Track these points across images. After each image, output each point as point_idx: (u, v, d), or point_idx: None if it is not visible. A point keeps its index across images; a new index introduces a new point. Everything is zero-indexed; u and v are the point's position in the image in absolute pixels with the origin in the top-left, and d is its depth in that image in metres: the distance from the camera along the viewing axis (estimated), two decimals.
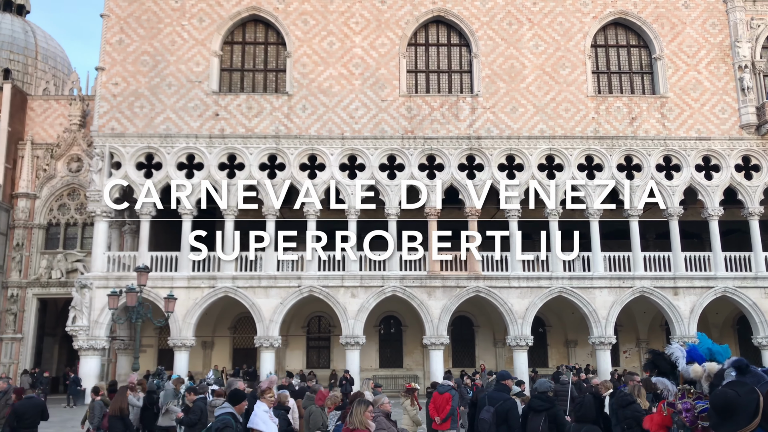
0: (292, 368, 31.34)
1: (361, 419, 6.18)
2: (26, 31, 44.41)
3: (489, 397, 8.83)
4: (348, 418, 6.36)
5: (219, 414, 7.19)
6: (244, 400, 7.67)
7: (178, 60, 28.22)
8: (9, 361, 32.01)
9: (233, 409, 7.26)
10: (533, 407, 8.25)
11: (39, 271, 32.91)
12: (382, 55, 28.63)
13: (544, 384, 8.72)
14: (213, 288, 26.57)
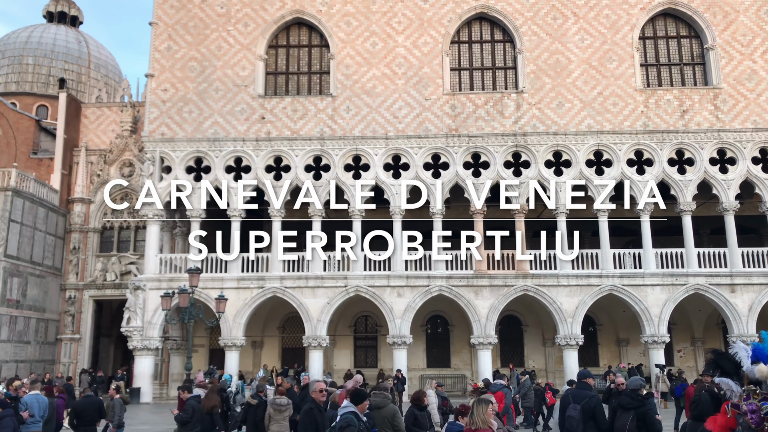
0: (339, 367, 31.58)
1: (484, 418, 6.14)
2: (79, 41, 45.89)
3: (573, 395, 8.89)
4: (469, 418, 6.30)
5: (342, 413, 7.21)
6: (366, 400, 7.69)
7: (224, 65, 28.73)
8: (68, 361, 33.13)
9: (356, 408, 7.26)
10: (622, 405, 8.18)
11: (94, 274, 33.96)
12: (425, 54, 28.56)
13: (635, 381, 8.65)
14: (261, 288, 26.96)
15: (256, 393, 12.07)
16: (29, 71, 43.49)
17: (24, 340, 31.03)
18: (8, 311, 29.76)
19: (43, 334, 32.58)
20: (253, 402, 11.74)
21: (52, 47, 44.34)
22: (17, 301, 30.48)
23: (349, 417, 7.08)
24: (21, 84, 43.17)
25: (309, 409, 8.44)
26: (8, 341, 29.75)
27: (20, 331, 30.72)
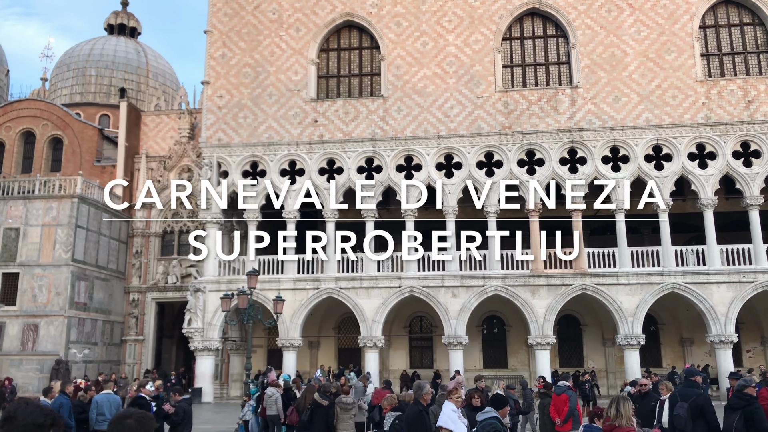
0: (395, 368, 31.61)
1: (629, 416, 6.12)
2: (138, 51, 47.40)
3: (680, 393, 8.82)
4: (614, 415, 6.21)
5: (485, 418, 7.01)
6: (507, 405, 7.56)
7: (277, 70, 29.18)
8: (133, 362, 34.25)
9: (497, 413, 7.11)
10: (731, 404, 8.07)
11: (156, 277, 35.02)
12: (476, 52, 28.34)
13: (744, 381, 8.47)
14: (317, 289, 27.24)
15: (323, 393, 12.05)
16: (92, 82, 45.17)
17: (91, 342, 32.25)
18: (76, 314, 30.97)
19: (109, 335, 33.80)
20: (324, 402, 11.71)
21: (113, 58, 45.93)
22: (84, 303, 31.71)
23: (492, 422, 6.87)
24: (84, 95, 44.87)
25: (419, 411, 8.17)
26: (77, 342, 30.97)
27: (88, 333, 31.95)
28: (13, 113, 37.47)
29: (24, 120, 37.15)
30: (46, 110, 37.52)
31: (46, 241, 30.85)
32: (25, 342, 30.09)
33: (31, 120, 37.12)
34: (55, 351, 29.79)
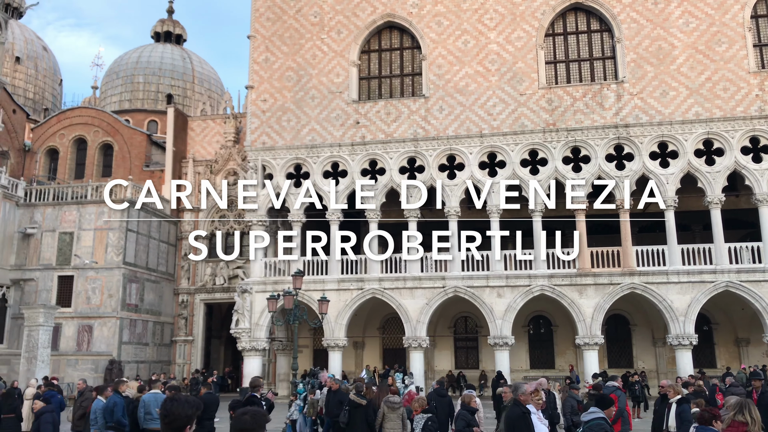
0: (440, 368, 31.51)
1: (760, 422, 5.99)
2: (184, 58, 48.46)
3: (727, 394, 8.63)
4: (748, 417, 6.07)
5: (591, 419, 6.92)
6: (613, 405, 7.50)
7: (319, 73, 29.43)
8: (183, 362, 35.01)
9: (603, 413, 7.01)
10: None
11: (204, 278, 35.73)
12: (519, 49, 28.04)
13: None
14: (361, 290, 27.35)
15: (359, 393, 12.02)
16: (140, 89, 46.39)
17: (143, 342, 33.10)
18: (128, 315, 31.83)
19: (160, 336, 34.63)
20: (362, 402, 11.67)
21: (160, 65, 47.08)
22: (136, 305, 32.57)
23: (600, 422, 6.75)
24: (133, 101, 46.12)
25: (522, 413, 7.90)
26: (129, 343, 31.82)
27: (139, 334, 32.80)
28: (66, 121, 38.76)
29: (76, 127, 38.40)
30: (97, 117, 38.70)
31: (99, 245, 31.81)
32: (80, 342, 31.08)
33: (83, 127, 38.33)
34: (108, 351, 30.68)
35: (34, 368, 25.18)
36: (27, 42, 47.92)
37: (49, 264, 31.95)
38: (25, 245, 32.34)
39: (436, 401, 12.03)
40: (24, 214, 32.56)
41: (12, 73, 44.82)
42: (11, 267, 31.93)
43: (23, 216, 32.53)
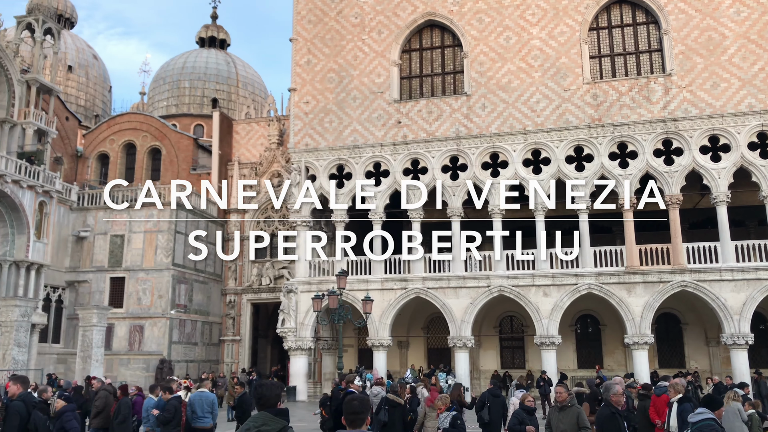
0: (486, 368, 31.27)
1: None
2: (228, 62, 49.29)
3: None
4: None
5: (698, 419, 6.76)
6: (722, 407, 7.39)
7: (360, 73, 29.55)
8: (231, 361, 35.63)
9: (713, 414, 6.86)
10: None
11: (251, 279, 36.31)
12: (562, 44, 27.61)
13: None
14: (405, 290, 27.35)
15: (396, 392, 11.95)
16: (186, 94, 47.38)
17: (192, 342, 33.81)
18: (178, 315, 32.57)
19: (208, 335, 35.32)
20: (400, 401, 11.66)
21: (205, 70, 47.99)
22: (185, 306, 33.30)
23: (710, 423, 6.59)
24: (179, 106, 47.12)
25: (611, 414, 7.74)
26: (179, 343, 32.55)
27: (188, 333, 33.53)
28: (115, 126, 39.87)
29: (126, 133, 39.46)
30: (145, 122, 39.69)
31: (148, 247, 32.64)
32: (132, 342, 31.95)
33: (132, 132, 39.36)
34: (158, 351, 31.44)
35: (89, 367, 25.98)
36: (78, 51, 49.48)
37: (102, 266, 32.94)
38: (79, 248, 33.41)
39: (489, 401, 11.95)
40: (77, 218, 33.64)
41: (65, 81, 46.34)
42: (66, 269, 33.04)
43: (77, 220, 33.62)
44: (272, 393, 4.61)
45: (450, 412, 9.83)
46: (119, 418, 11.37)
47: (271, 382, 4.66)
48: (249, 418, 4.56)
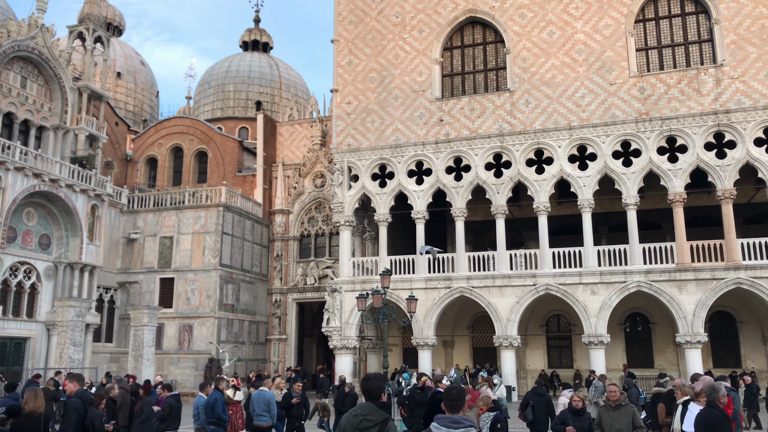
0: (533, 368, 30.90)
1: None
2: (271, 65, 49.91)
3: None
4: None
5: None
6: None
7: (402, 72, 29.52)
8: (277, 360, 36.08)
9: None
10: None
11: (296, 278, 36.70)
12: (607, 37, 27.05)
13: None
14: (449, 288, 27.21)
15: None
16: (230, 97, 48.15)
17: (240, 341, 34.35)
18: (225, 315, 33.12)
19: (255, 334, 35.83)
20: None
21: (248, 73, 48.69)
22: (232, 305, 33.84)
23: None
24: (224, 109, 47.93)
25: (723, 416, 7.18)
26: (227, 342, 33.08)
27: (236, 333, 34.07)
28: (163, 131, 40.79)
29: (173, 137, 40.33)
30: (192, 126, 40.48)
31: (197, 248, 33.29)
32: (181, 341, 32.63)
33: (179, 136, 40.20)
34: (207, 350, 32.03)
35: (140, 366, 26.65)
36: (127, 58, 50.80)
37: (152, 267, 33.75)
38: (130, 250, 34.30)
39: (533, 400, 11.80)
40: (128, 221, 34.55)
41: (114, 87, 47.65)
42: (117, 270, 33.96)
43: (127, 222, 34.53)
44: (376, 385, 5.08)
45: (491, 413, 9.66)
46: (141, 417, 11.34)
47: (376, 375, 5.24)
48: (356, 406, 5.02)
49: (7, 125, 29.43)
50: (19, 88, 29.87)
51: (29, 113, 30.27)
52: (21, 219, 28.46)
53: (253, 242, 36.16)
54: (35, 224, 29.23)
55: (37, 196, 28.62)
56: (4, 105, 28.92)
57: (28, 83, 30.32)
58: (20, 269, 28.22)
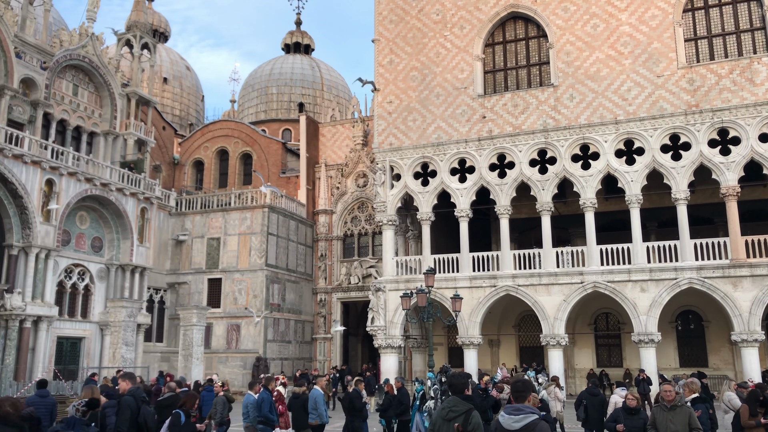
0: (581, 367, 30.39)
1: None
2: (312, 67, 50.33)
3: None
4: None
5: None
6: None
7: (443, 70, 29.37)
8: (323, 359, 36.37)
9: None
10: None
11: (340, 278, 36.92)
12: (653, 28, 26.37)
13: None
14: (494, 287, 26.95)
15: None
16: (273, 100, 48.77)
17: (286, 340, 34.75)
18: (272, 314, 33.55)
19: (301, 334, 36.20)
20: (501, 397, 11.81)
21: (291, 75, 49.22)
22: (278, 305, 34.26)
23: None
24: (268, 112, 48.56)
25: None
26: (273, 341, 33.53)
27: (282, 332, 34.48)
28: (209, 134, 41.56)
29: (218, 140, 41.06)
30: (236, 129, 41.14)
31: (243, 249, 33.82)
32: (229, 341, 33.20)
33: (224, 139, 40.91)
34: (254, 349, 32.50)
35: (190, 365, 27.21)
36: (172, 63, 51.93)
37: (200, 268, 34.42)
38: (178, 251, 35.06)
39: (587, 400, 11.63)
40: (176, 223, 35.32)
41: (161, 93, 48.76)
42: (167, 271, 34.75)
43: (175, 224, 35.30)
44: (460, 381, 6.03)
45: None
46: None
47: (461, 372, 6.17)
48: (444, 401, 5.80)
49: (60, 132, 30.41)
50: (72, 96, 30.84)
51: (81, 120, 31.22)
52: (74, 222, 29.39)
53: (297, 242, 36.53)
54: (88, 227, 30.14)
55: (89, 200, 29.51)
56: (57, 112, 29.90)
57: (79, 91, 31.29)
58: (74, 271, 29.15)
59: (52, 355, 27.57)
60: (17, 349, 25.70)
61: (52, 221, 27.15)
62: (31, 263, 26.35)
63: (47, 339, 26.99)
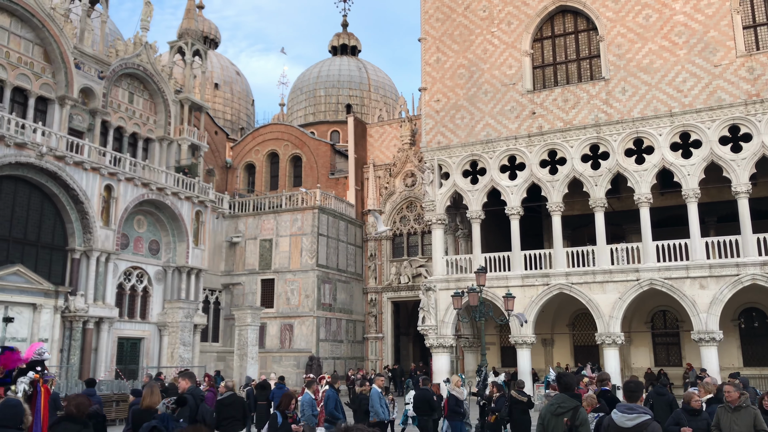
0: (638, 366, 29.66)
1: None
2: (359, 68, 50.61)
3: None
4: None
5: None
6: None
7: (491, 67, 29.10)
8: (375, 358, 36.53)
9: None
10: None
11: (390, 278, 37.02)
12: (709, 17, 25.51)
13: None
14: (547, 285, 26.55)
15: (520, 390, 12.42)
16: (321, 102, 49.25)
17: (338, 339, 35.05)
18: (323, 314, 33.90)
19: (352, 333, 36.45)
20: (522, 399, 11.98)
21: (338, 77, 49.61)
22: (329, 304, 34.59)
23: None
24: (316, 114, 49.07)
25: None
26: (325, 340, 33.86)
27: (334, 331, 34.79)
28: (259, 138, 42.27)
29: (269, 143, 41.72)
30: (286, 132, 41.72)
31: (294, 249, 34.28)
32: (282, 340, 33.70)
33: (274, 142, 41.54)
34: (307, 348, 32.90)
35: (245, 364, 27.73)
36: (223, 69, 53.01)
37: (253, 269, 35.05)
38: (232, 253, 35.77)
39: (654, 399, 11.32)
40: (229, 225, 36.06)
41: (212, 98, 49.84)
42: (221, 273, 35.50)
43: (229, 226, 36.04)
44: (571, 381, 6.51)
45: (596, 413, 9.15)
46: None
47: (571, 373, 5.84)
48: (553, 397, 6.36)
49: (117, 138, 31.42)
50: (127, 104, 31.82)
51: (137, 126, 32.19)
52: (132, 226, 30.33)
53: (347, 242, 36.79)
54: (145, 231, 31.06)
55: (146, 205, 30.41)
56: (114, 120, 30.90)
57: (135, 98, 32.27)
58: (133, 273, 30.08)
59: (114, 355, 28.52)
60: (81, 350, 26.70)
61: (111, 225, 28.09)
62: (92, 266, 27.33)
63: (109, 339, 27.93)
